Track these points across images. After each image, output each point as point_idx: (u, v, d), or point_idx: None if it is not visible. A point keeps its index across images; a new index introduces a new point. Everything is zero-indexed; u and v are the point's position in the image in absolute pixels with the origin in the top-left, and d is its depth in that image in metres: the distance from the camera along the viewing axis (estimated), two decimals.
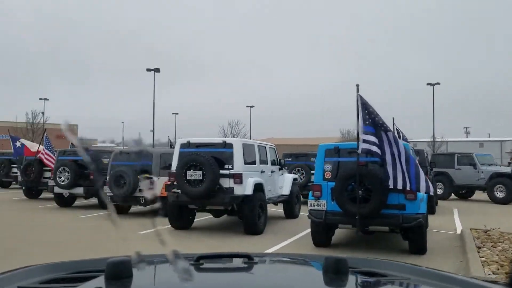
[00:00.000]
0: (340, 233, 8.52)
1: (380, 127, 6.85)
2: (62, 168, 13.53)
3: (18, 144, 16.81)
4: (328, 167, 7.72)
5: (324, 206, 7.55)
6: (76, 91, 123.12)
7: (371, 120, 6.87)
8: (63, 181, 13.49)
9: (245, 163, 9.23)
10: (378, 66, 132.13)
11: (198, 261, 1.51)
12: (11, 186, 22.22)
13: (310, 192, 7.89)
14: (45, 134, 16.06)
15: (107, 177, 12.05)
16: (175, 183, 9.35)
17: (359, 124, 6.92)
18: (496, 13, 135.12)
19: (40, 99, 60.68)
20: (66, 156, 14.10)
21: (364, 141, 6.76)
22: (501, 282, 1.61)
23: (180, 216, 9.65)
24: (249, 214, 9.01)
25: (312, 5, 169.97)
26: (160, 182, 11.68)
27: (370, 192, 7.06)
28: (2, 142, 77.74)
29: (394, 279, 1.47)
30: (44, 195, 17.05)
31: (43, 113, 60.67)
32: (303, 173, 14.82)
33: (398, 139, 7.45)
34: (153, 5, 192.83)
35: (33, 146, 16.36)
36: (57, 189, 13.71)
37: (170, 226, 9.77)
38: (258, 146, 10.17)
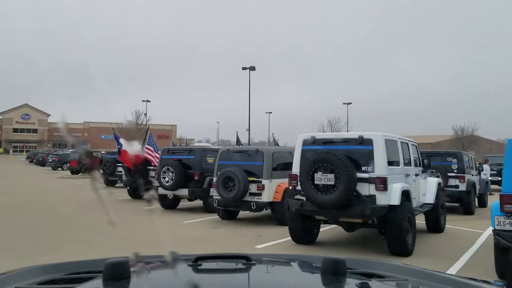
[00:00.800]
0: None
1: None
2: (166, 168, 12.58)
3: (119, 145, 16.49)
4: None
5: None
6: (175, 92, 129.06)
7: None
8: (167, 182, 12.54)
9: (389, 164, 7.22)
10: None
11: (197, 262, 1.50)
12: (117, 185, 22.45)
13: (494, 205, 5.68)
14: (148, 132, 15.43)
15: (214, 178, 10.79)
16: (297, 187, 7.64)
17: None
18: None
19: (143, 101, 64.09)
20: (170, 155, 13.17)
21: None
22: (499, 283, 1.54)
23: (303, 228, 7.92)
24: (395, 230, 6.98)
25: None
26: (273, 186, 10.11)
27: None
28: (109, 142, 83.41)
29: (392, 280, 1.48)
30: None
31: (145, 114, 63.98)
32: (437, 176, 12.31)
33: None
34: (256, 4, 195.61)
35: (134, 149, 15.87)
36: (161, 190, 12.81)
37: (290, 239, 8.12)
38: (401, 142, 8.08)
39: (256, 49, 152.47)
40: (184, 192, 12.50)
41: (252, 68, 50.24)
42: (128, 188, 16.18)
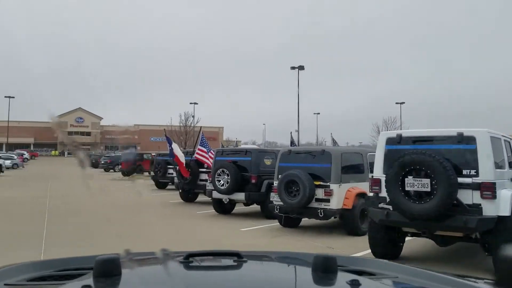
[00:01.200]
0: None
1: None
2: (221, 170, 11.77)
3: (173, 146, 15.89)
4: None
5: None
6: (221, 94, 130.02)
7: None
8: (222, 185, 11.71)
9: (496, 167, 5.95)
10: None
11: (188, 259, 1.48)
12: (168, 187, 22.04)
13: None
14: (201, 133, 14.73)
15: (274, 182, 9.83)
16: (381, 194, 6.52)
17: None
18: None
19: (191, 103, 64.49)
20: (224, 156, 12.35)
21: None
22: (489, 281, 1.42)
23: (386, 241, 6.78)
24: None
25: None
26: (342, 191, 9.01)
27: None
28: (159, 144, 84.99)
29: (382, 277, 1.49)
30: (200, 198, 15.86)
31: (193, 116, 64.35)
32: None
33: None
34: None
35: (182, 157, 15.18)
36: (216, 194, 12.01)
37: (369, 251, 7.00)
38: (504, 140, 6.75)
39: (304, 48, 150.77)
40: (240, 196, 11.62)
41: (301, 68, 49.18)
42: (180, 191, 15.53)
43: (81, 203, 14.98)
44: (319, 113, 77.71)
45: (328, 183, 8.93)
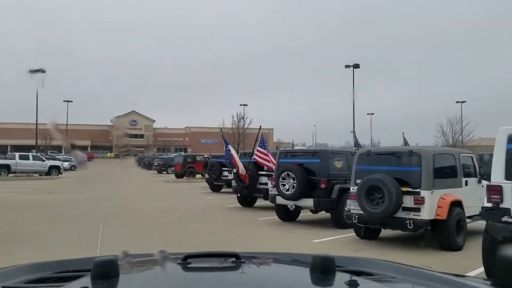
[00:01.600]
0: None
1: None
2: (285, 173, 10.73)
3: (229, 147, 15.05)
4: None
5: None
6: (270, 95, 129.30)
7: None
8: (287, 190, 10.66)
9: None
10: None
11: (186, 260, 1.48)
12: (222, 190, 21.33)
13: None
14: (260, 133, 13.78)
15: (351, 187, 8.68)
16: (503, 205, 5.22)
17: None
18: None
19: (241, 105, 64.14)
20: (289, 158, 11.31)
21: None
22: (487, 281, 1.45)
23: None
24: None
25: None
26: (434, 198, 7.70)
27: None
28: (209, 146, 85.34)
29: (380, 277, 1.49)
30: (259, 202, 14.93)
31: (243, 118, 63.93)
32: None
33: None
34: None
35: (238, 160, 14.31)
36: (280, 200, 10.98)
37: (481, 272, 5.69)
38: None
39: (356, 45, 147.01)
40: (308, 202, 10.52)
41: (356, 66, 47.27)
42: (238, 195, 14.65)
43: (138, 206, 14.54)
44: (373, 114, 75.00)
45: (418, 190, 7.65)
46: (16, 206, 14.29)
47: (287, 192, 10.65)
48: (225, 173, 20.44)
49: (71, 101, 70.09)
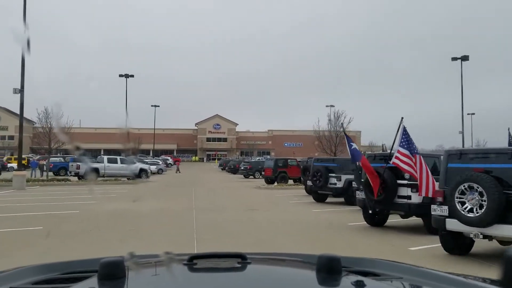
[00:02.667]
0: None
1: None
2: (467, 185, 7.00)
3: (353, 146, 11.49)
4: None
5: None
6: (357, 95, 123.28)
7: None
8: (470, 211, 6.92)
9: None
10: None
11: (192, 261, 1.49)
12: (327, 201, 17.86)
13: None
14: (401, 126, 10.06)
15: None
16: None
17: None
18: None
19: (327, 106, 60.32)
20: (467, 162, 7.52)
21: None
22: (494, 281, 1.37)
23: None
24: None
25: None
26: None
27: None
28: (293, 149, 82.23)
29: (387, 278, 1.49)
30: (392, 220, 11.27)
31: (330, 119, 59.99)
32: None
33: None
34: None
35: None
36: (454, 225, 7.26)
37: None
38: None
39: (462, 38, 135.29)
40: (508, 231, 6.73)
41: (465, 58, 41.32)
42: (369, 211, 10.96)
43: (241, 222, 11.58)
44: (473, 114, 67.01)
45: None
46: (93, 219, 12.09)
47: (471, 215, 6.92)
48: (333, 180, 17.06)
49: (158, 106, 71.08)
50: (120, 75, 48.64)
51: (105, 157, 32.14)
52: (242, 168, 40.38)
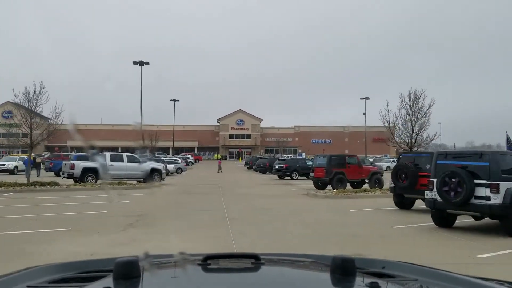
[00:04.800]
0: None
1: None
2: None
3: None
4: None
5: None
6: (391, 87, 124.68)
7: None
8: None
9: None
10: None
11: (206, 261, 1.61)
12: (415, 207, 15.38)
13: None
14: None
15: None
16: None
17: None
18: None
19: (361, 98, 62.58)
20: None
21: None
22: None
23: None
24: None
25: None
26: None
27: None
28: (323, 146, 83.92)
29: (402, 280, 1.58)
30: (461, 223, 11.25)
31: (364, 113, 61.86)
32: None
33: None
34: None
35: None
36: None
37: None
38: None
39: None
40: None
41: None
42: (433, 211, 10.82)
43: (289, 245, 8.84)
44: None
45: None
46: None
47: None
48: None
49: (178, 100, 72.60)
50: (134, 62, 45.36)
51: (108, 154, 26.93)
52: (277, 167, 36.85)
